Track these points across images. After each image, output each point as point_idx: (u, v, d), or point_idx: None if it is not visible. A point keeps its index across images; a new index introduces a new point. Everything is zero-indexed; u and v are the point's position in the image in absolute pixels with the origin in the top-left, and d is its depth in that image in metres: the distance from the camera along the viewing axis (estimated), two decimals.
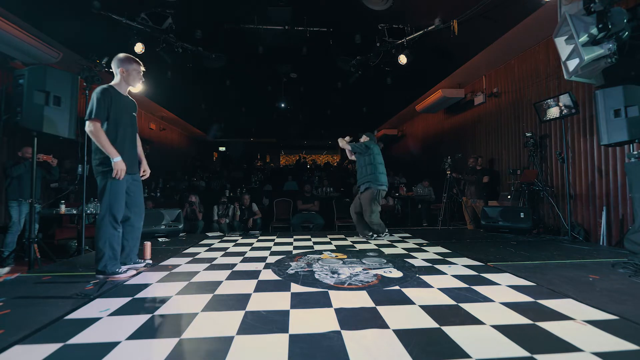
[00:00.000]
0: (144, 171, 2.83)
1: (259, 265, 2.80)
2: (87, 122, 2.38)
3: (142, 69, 2.66)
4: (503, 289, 2.11)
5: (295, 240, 4.21)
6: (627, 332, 1.46)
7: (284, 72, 7.01)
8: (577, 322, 1.59)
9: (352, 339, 1.43)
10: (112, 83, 2.58)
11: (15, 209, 4.08)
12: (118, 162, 2.39)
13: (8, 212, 4.11)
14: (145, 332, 1.52)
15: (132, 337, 1.47)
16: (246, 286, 2.21)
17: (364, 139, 4.55)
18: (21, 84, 2.94)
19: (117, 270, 2.44)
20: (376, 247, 3.64)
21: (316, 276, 2.44)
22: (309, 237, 4.48)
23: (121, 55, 2.59)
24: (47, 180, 4.55)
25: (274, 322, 1.61)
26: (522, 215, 4.51)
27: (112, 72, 2.62)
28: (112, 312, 1.76)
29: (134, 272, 2.52)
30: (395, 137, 13.23)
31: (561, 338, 1.42)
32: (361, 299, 1.93)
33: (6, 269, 3.34)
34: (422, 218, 7.53)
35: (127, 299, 1.96)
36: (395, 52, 5.43)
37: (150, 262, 2.88)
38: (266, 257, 3.13)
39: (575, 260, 2.94)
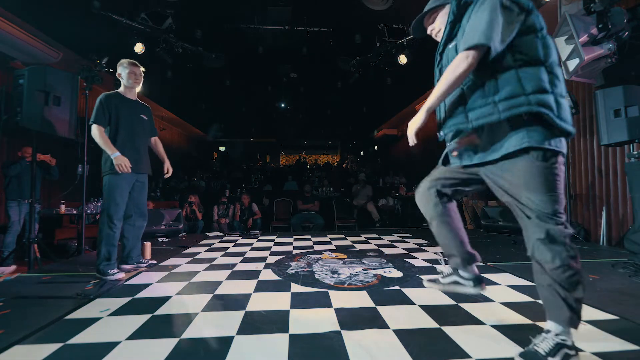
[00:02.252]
0: (167, 169, 2.94)
1: (259, 265, 2.80)
2: (91, 127, 2.51)
3: (137, 70, 2.69)
4: (503, 289, 2.11)
5: (295, 240, 4.20)
6: (627, 332, 1.46)
7: (284, 72, 7.01)
8: None
9: (352, 339, 1.42)
10: (118, 89, 2.71)
11: (14, 209, 4.07)
12: (117, 157, 2.47)
13: (7, 212, 4.11)
14: (145, 332, 1.52)
15: (132, 337, 1.47)
16: (246, 286, 2.21)
17: None
18: (21, 84, 2.95)
19: (108, 271, 2.44)
20: (376, 247, 3.64)
21: (316, 276, 2.44)
22: (309, 237, 4.48)
23: (120, 61, 2.69)
24: (47, 181, 4.54)
25: (274, 322, 1.61)
26: None
27: (112, 72, 2.67)
28: (112, 312, 1.76)
29: (123, 275, 2.49)
30: (395, 137, 13.22)
31: None
32: (361, 299, 1.93)
33: (12, 267, 3.34)
34: (422, 218, 7.53)
35: (127, 299, 1.96)
36: (395, 52, 5.43)
37: (155, 262, 2.89)
38: (266, 257, 3.13)
39: None
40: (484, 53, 1.14)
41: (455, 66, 1.17)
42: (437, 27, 1.43)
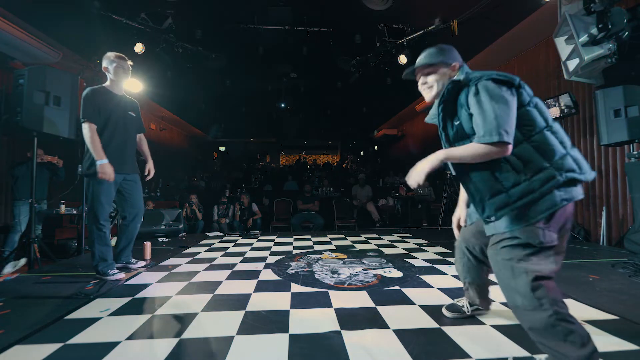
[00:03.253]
0: (148, 170, 2.81)
1: (259, 265, 2.80)
2: (82, 124, 2.40)
3: (125, 63, 2.56)
4: None
5: (295, 240, 4.20)
6: (627, 332, 1.46)
7: (284, 72, 7.01)
8: None
9: (352, 339, 1.43)
10: (104, 83, 2.59)
11: (20, 208, 4.10)
12: (102, 165, 2.35)
13: (13, 211, 4.13)
14: (145, 332, 1.52)
15: (132, 337, 1.47)
16: (246, 286, 2.21)
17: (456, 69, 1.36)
18: (21, 84, 2.94)
19: (108, 271, 2.42)
20: (376, 247, 3.64)
21: (316, 276, 2.44)
22: (309, 237, 4.48)
23: (106, 54, 2.56)
24: (54, 182, 4.55)
25: (274, 322, 1.61)
26: None
27: None
28: (112, 312, 1.76)
29: (123, 275, 2.47)
30: (395, 137, 13.23)
31: None
32: (361, 299, 1.93)
33: (22, 261, 3.27)
34: (422, 218, 7.53)
35: (127, 299, 1.96)
36: (395, 52, 5.43)
37: (153, 263, 2.87)
38: (266, 257, 3.13)
39: (575, 260, 2.94)
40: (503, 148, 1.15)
41: (475, 151, 1.19)
42: (429, 83, 1.40)
